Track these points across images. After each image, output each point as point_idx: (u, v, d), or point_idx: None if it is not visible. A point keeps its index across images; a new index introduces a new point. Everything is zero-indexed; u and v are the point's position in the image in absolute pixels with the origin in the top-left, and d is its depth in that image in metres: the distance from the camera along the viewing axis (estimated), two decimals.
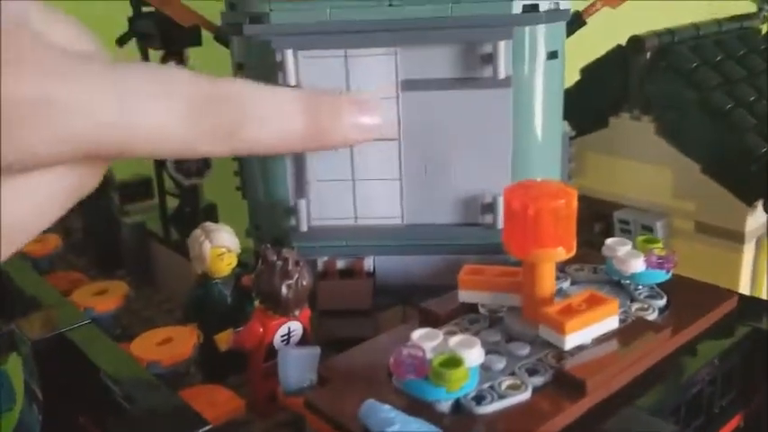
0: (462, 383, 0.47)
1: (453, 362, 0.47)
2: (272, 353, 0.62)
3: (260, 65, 0.70)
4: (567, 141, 0.74)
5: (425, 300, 0.67)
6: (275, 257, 0.58)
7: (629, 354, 0.53)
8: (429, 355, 0.48)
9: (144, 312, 0.83)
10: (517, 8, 0.65)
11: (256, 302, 0.71)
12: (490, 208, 0.70)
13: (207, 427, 0.51)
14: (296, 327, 0.62)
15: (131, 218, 0.90)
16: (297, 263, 0.59)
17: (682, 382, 0.54)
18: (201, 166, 0.88)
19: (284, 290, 0.58)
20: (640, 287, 0.62)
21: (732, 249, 0.77)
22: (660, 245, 0.63)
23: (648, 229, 0.82)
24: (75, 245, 0.97)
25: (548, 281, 0.55)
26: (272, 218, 0.76)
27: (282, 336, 0.62)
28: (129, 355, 0.61)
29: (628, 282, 0.63)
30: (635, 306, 0.60)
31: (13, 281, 0.77)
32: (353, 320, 0.72)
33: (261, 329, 0.61)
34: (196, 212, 0.91)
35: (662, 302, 0.60)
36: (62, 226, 1.00)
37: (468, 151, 0.70)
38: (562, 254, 0.53)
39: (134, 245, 0.90)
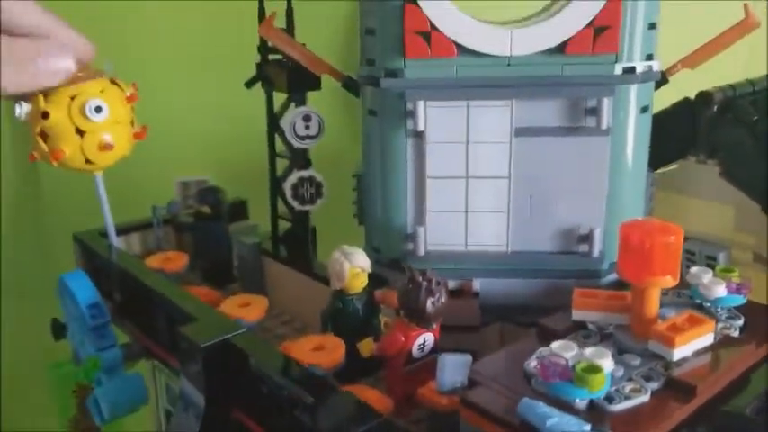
0: (601, 386, 0.58)
1: (593, 368, 0.58)
2: (409, 359, 0.73)
3: (391, 112, 0.82)
4: (650, 183, 0.86)
5: (522, 318, 0.78)
6: (421, 278, 0.69)
7: (723, 364, 0.65)
8: (570, 363, 0.59)
9: (265, 323, 0.94)
10: (618, 70, 0.77)
11: (381, 315, 0.83)
12: (586, 239, 0.82)
13: (380, 419, 0.62)
14: (429, 338, 0.73)
15: (249, 237, 1.01)
16: (438, 282, 0.70)
17: (764, 388, 0.65)
18: (314, 194, 0.99)
19: (429, 306, 0.69)
20: (720, 309, 0.73)
21: None
22: (737, 273, 0.74)
23: (712, 258, 0.93)
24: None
25: (654, 303, 0.66)
26: (389, 242, 0.87)
27: (419, 345, 0.73)
28: (292, 358, 0.72)
29: (709, 305, 0.74)
30: (720, 325, 0.71)
31: (162, 293, 0.88)
32: (461, 335, 0.83)
33: (402, 338, 0.72)
34: (306, 235, 1.02)
35: (740, 323, 0.71)
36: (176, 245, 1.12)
37: (569, 189, 0.81)
38: (670, 281, 0.65)
39: (250, 262, 1.01)
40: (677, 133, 0.94)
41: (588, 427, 0.54)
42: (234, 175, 1.21)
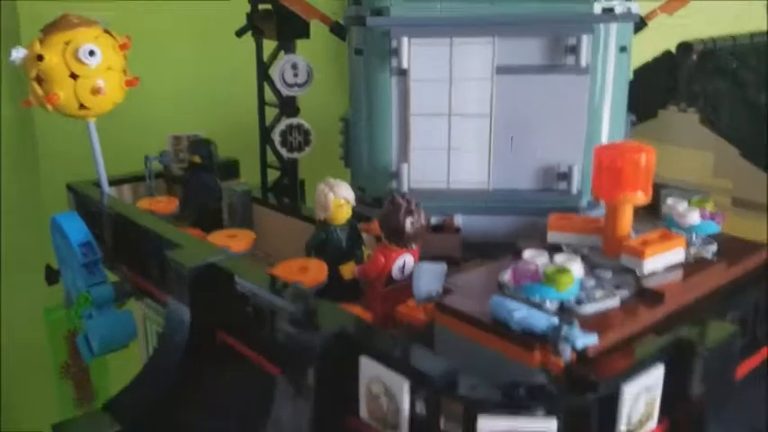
0: (569, 287, 0.59)
1: (562, 270, 0.60)
2: (389, 281, 0.75)
3: (376, 51, 0.84)
4: (629, 127, 0.88)
5: (502, 255, 0.80)
6: (401, 199, 0.71)
7: (694, 278, 0.66)
8: (541, 269, 0.61)
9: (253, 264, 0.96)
10: (597, 9, 0.80)
11: (364, 248, 0.85)
12: (565, 176, 0.84)
13: (363, 325, 0.64)
14: (410, 260, 0.75)
15: (239, 186, 1.04)
16: (417, 205, 0.72)
17: (733, 305, 0.67)
18: (302, 142, 1.01)
19: (408, 225, 0.71)
20: (694, 237, 0.75)
21: (763, 219, 0.90)
22: (712, 203, 0.76)
23: None
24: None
25: (627, 221, 0.68)
26: (374, 180, 0.89)
27: (399, 266, 0.74)
28: (278, 277, 0.74)
29: (683, 233, 0.76)
30: (693, 250, 0.73)
31: (151, 227, 0.90)
32: None
33: (383, 260, 0.74)
34: (294, 184, 1.04)
35: (714, 248, 0.73)
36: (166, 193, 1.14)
37: (549, 127, 0.83)
38: (641, 198, 0.67)
39: (240, 209, 1.03)
40: (659, 85, 0.97)
41: (556, 319, 0.56)
42: (226, 136, 1.23)
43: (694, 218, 0.74)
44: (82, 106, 0.97)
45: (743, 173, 0.90)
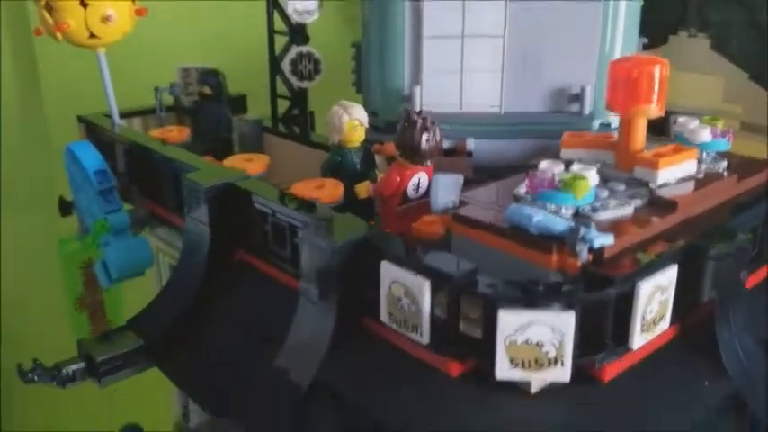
0: (585, 193, 0.61)
1: (578, 177, 0.61)
2: (404, 200, 0.77)
3: None
4: (641, 50, 0.88)
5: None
6: (417, 116, 0.72)
7: (705, 190, 0.68)
8: (556, 177, 0.62)
9: None
10: None
11: (377, 171, 0.86)
12: (577, 98, 0.85)
13: (382, 233, 0.66)
14: (424, 178, 0.76)
15: (249, 116, 1.04)
16: (432, 122, 0.73)
17: (743, 216, 0.68)
18: (312, 71, 1.02)
19: (424, 141, 0.72)
20: (705, 154, 0.76)
21: None
22: (722, 121, 0.77)
23: None
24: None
25: (641, 134, 0.69)
26: (387, 105, 0.89)
27: (414, 185, 0.76)
28: (295, 195, 0.75)
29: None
30: (704, 166, 0.74)
31: (166, 154, 0.91)
32: None
33: (398, 178, 0.75)
34: (304, 113, 1.05)
35: (724, 165, 0.74)
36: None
37: (562, 49, 0.84)
38: (655, 111, 0.68)
39: (251, 139, 1.03)
40: (669, 11, 0.96)
41: (573, 222, 0.57)
42: (233, 69, 1.24)
43: (705, 135, 0.75)
44: (92, 35, 0.97)
45: (752, 98, 0.91)
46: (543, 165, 0.64)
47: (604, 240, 0.56)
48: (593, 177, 0.62)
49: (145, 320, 0.80)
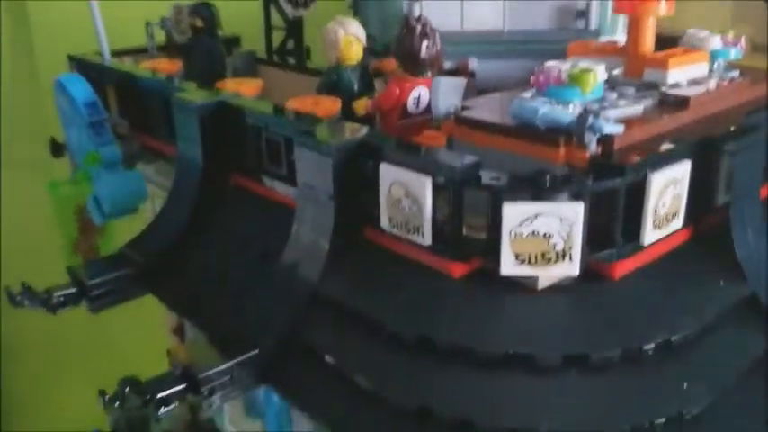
0: (593, 87, 0.58)
1: (586, 71, 0.58)
2: (404, 114, 0.74)
3: None
4: None
5: None
6: (416, 22, 0.69)
7: (717, 91, 0.65)
8: (563, 72, 0.59)
9: None
10: None
11: (376, 93, 0.83)
12: (582, 14, 0.81)
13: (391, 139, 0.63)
14: (424, 93, 0.73)
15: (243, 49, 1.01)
16: (432, 29, 0.70)
17: (757, 118, 0.65)
18: None
19: (423, 49, 0.69)
20: (716, 65, 0.73)
21: None
22: (732, 31, 0.74)
23: None
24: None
25: (650, 36, 0.66)
26: (385, 27, 0.86)
27: (414, 98, 0.73)
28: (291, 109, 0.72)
29: None
30: (715, 75, 0.71)
31: (157, 79, 0.88)
32: None
33: (397, 91, 0.72)
34: (300, 45, 1.01)
35: (736, 73, 0.71)
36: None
37: None
38: (664, 8, 0.65)
39: (244, 70, 1.00)
40: None
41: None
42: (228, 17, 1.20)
43: (716, 42, 0.72)
44: None
45: (762, 18, 0.88)
46: (549, 63, 0.61)
47: (613, 129, 0.53)
48: (600, 71, 0.59)
49: (138, 246, 0.77)
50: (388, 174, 0.57)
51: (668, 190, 0.54)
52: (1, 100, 1.38)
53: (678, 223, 0.56)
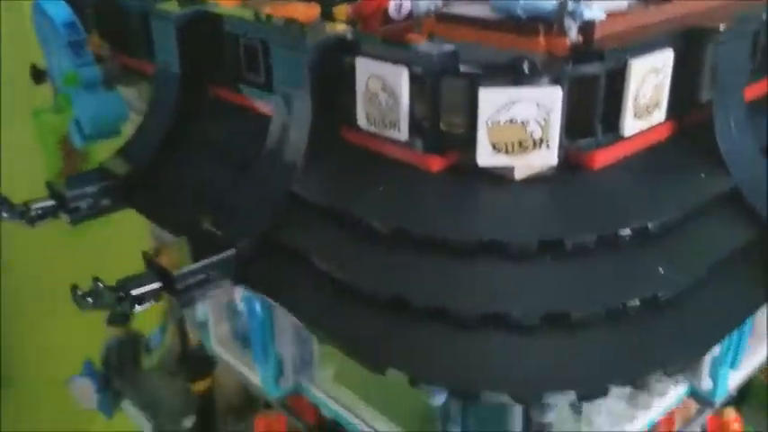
0: None
1: None
2: (386, 20, 0.72)
3: None
4: None
5: None
6: None
7: None
8: None
9: None
10: None
11: None
12: None
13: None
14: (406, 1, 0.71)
15: None
16: None
17: (745, 18, 0.63)
18: None
19: None
20: None
21: None
22: None
23: None
24: None
25: None
26: None
27: (396, 4, 0.71)
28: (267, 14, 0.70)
29: None
30: None
31: None
32: None
33: None
34: None
35: None
36: None
37: None
38: None
39: None
40: None
41: None
42: None
43: None
44: None
45: None
46: None
47: (595, 14, 0.51)
48: None
49: (117, 160, 0.76)
50: (365, 67, 0.55)
51: (649, 78, 0.52)
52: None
53: (660, 115, 0.55)
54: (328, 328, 0.51)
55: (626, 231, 0.48)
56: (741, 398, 0.90)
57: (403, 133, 0.54)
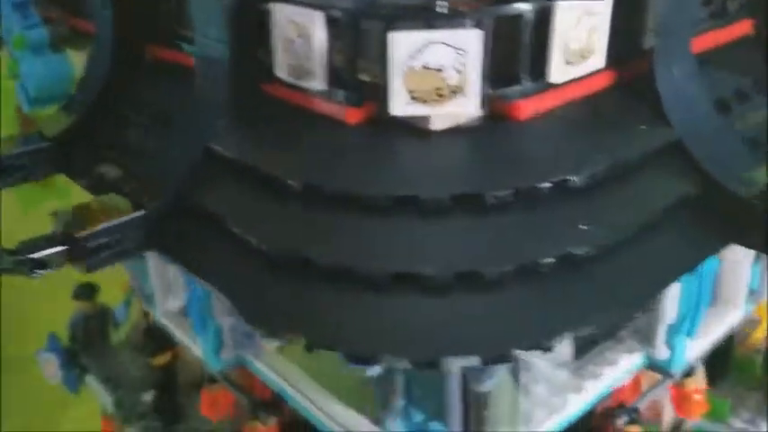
0: None
1: None
2: None
3: None
4: None
5: None
6: None
7: None
8: None
9: None
10: None
11: None
12: None
13: None
14: None
15: None
16: None
17: None
18: None
19: None
20: None
21: None
22: None
23: None
24: None
25: None
26: None
27: None
28: None
29: None
30: None
31: None
32: None
33: None
34: None
35: None
36: None
37: None
38: None
39: None
40: None
41: None
42: None
43: None
44: None
45: None
46: None
47: None
48: None
49: (52, 125, 0.73)
50: (282, 13, 0.52)
51: (582, 21, 0.48)
52: None
53: (597, 62, 0.51)
54: (233, 294, 0.47)
55: (546, 185, 0.44)
56: (722, 369, 0.87)
57: (320, 82, 0.50)
